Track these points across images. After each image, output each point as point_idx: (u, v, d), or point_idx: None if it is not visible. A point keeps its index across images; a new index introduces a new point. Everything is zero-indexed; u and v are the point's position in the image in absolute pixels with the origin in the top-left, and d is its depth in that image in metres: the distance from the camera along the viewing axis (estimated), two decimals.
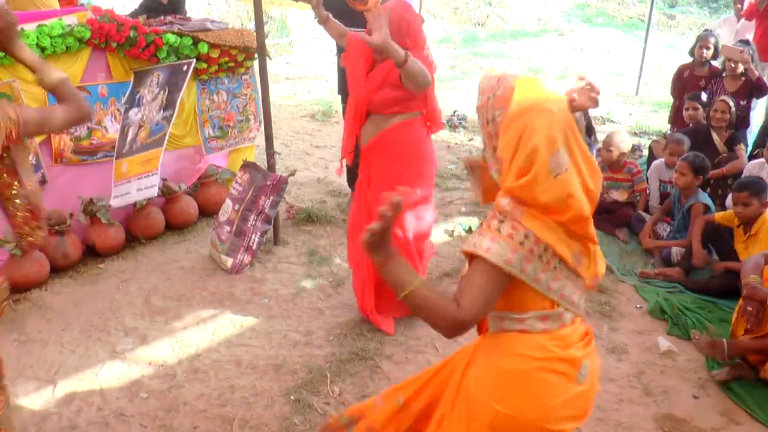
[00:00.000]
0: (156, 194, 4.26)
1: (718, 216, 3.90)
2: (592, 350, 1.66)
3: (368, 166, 3.18)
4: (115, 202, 4.05)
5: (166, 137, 4.24)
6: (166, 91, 4.17)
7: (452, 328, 1.46)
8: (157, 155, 4.21)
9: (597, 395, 2.88)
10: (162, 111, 4.16)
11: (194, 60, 4.27)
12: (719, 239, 3.94)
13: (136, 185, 4.14)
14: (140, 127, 4.06)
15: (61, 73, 1.93)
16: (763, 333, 2.86)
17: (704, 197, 4.17)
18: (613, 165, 4.68)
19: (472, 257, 1.51)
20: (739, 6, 6.80)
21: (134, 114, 4.04)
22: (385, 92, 2.97)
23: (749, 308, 2.87)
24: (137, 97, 4.04)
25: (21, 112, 1.80)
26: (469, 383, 1.65)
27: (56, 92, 1.93)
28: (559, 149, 1.42)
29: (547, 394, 1.56)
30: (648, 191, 4.74)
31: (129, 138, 4.02)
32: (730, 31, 6.72)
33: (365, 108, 3.07)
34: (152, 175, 4.19)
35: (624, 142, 4.67)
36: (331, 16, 3.26)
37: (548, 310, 1.56)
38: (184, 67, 4.23)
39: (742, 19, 6.74)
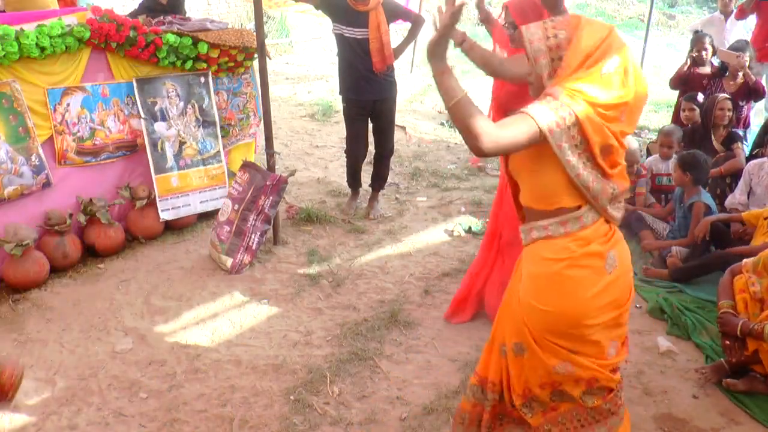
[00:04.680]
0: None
1: (746, 215, 3.91)
2: (617, 240, 1.91)
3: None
4: (164, 215, 4.27)
5: (222, 153, 4.53)
6: (195, 107, 4.36)
7: (475, 149, 1.67)
8: (221, 171, 4.55)
9: None
10: (201, 128, 4.41)
11: (208, 69, 4.36)
12: (722, 239, 3.95)
13: (198, 198, 4.44)
14: (182, 143, 4.31)
15: None
16: (748, 353, 2.86)
17: (707, 197, 4.17)
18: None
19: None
20: (727, 1, 6.76)
21: (163, 128, 4.22)
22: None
23: (727, 342, 2.90)
24: (156, 109, 4.19)
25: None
26: (521, 296, 1.92)
27: None
28: (611, 57, 1.76)
29: (579, 288, 1.82)
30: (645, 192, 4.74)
31: (169, 154, 4.25)
32: (717, 30, 6.64)
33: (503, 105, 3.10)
34: (218, 188, 4.53)
35: (636, 153, 4.70)
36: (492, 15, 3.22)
37: (567, 212, 1.82)
38: (201, 79, 4.39)
39: (730, 18, 6.72)
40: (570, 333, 1.87)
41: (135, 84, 4.10)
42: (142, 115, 4.11)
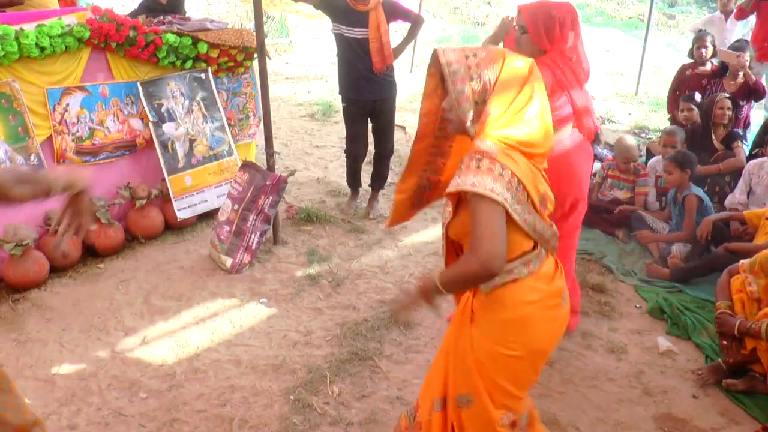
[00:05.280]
0: None
1: (747, 214, 3.90)
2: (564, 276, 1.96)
3: None
4: (182, 214, 4.29)
5: (232, 145, 4.57)
6: (201, 104, 4.40)
7: (486, 273, 1.65)
8: (234, 162, 4.54)
9: (597, 395, 2.89)
10: (209, 123, 4.44)
11: (207, 67, 4.38)
12: (722, 238, 3.95)
13: (214, 193, 4.46)
14: (192, 141, 4.35)
15: None
16: (746, 351, 2.86)
17: (697, 190, 4.20)
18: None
19: (457, 200, 1.78)
20: (726, 0, 6.76)
21: (171, 129, 4.25)
22: None
23: (725, 342, 2.91)
24: (163, 110, 4.22)
25: None
26: (477, 343, 1.84)
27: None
28: (533, 101, 1.76)
29: (548, 327, 1.85)
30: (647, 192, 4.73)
31: (180, 153, 4.29)
32: (717, 30, 6.65)
33: None
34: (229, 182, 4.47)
35: (634, 149, 4.70)
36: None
37: (528, 253, 1.81)
38: (202, 75, 4.42)
39: (730, 18, 6.72)
40: (533, 371, 1.90)
41: (140, 87, 4.10)
42: (151, 119, 4.12)
